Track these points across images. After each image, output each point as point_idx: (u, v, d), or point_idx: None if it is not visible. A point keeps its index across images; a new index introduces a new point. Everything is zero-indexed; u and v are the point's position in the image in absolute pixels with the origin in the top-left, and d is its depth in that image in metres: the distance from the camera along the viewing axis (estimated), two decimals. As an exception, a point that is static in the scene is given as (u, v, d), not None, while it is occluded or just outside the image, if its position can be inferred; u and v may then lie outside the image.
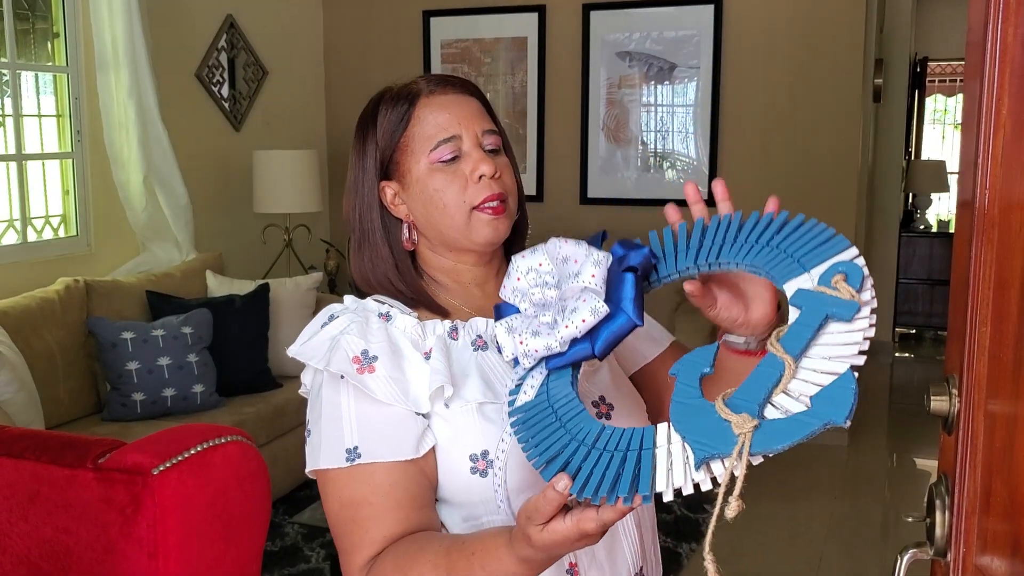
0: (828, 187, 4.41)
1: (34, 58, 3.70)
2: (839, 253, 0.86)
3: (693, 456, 0.77)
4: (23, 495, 1.85)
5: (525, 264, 0.98)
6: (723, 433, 0.76)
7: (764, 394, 0.77)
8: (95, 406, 3.36)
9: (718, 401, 0.78)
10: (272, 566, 3.10)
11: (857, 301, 0.81)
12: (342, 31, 5.17)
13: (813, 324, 0.80)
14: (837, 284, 0.82)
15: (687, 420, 0.79)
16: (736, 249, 0.94)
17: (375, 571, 0.99)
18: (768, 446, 0.74)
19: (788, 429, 0.75)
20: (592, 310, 0.90)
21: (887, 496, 4.15)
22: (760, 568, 3.31)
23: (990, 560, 0.91)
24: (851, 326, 0.80)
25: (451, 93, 1.12)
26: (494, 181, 1.09)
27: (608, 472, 0.80)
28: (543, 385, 0.92)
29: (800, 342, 0.80)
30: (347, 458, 1.01)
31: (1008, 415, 0.88)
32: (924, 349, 6.98)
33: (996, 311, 0.91)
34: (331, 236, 5.15)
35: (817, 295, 0.82)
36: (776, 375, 0.78)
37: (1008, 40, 0.90)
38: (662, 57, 4.59)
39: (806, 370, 0.79)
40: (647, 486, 0.78)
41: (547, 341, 0.91)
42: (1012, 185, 0.88)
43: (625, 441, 0.82)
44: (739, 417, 0.76)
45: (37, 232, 3.66)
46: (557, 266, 0.97)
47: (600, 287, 0.93)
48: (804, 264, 0.87)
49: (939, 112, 8.56)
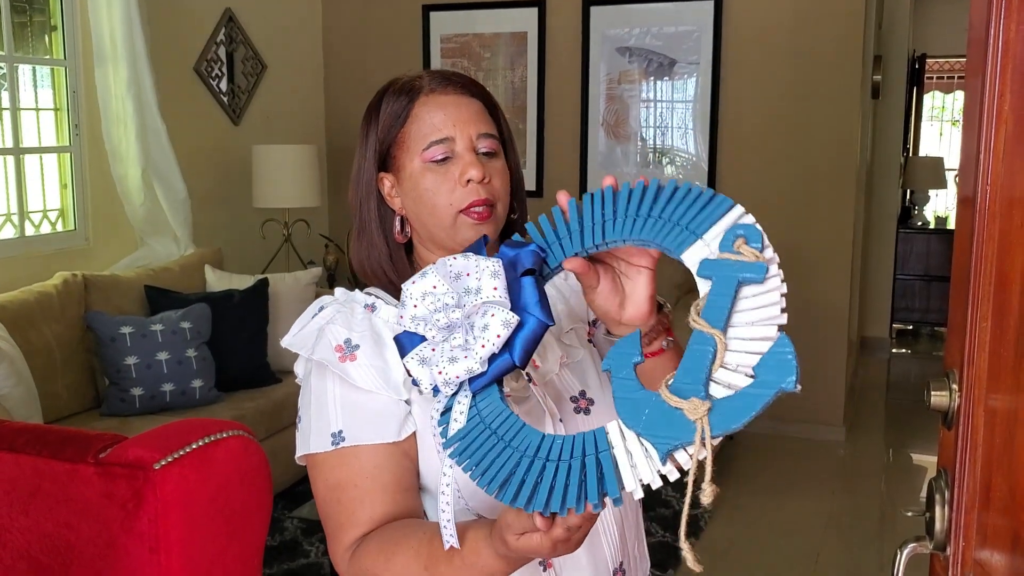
0: (826, 183, 4.41)
1: (32, 51, 3.69)
2: (726, 213, 0.86)
3: (655, 451, 0.77)
4: (24, 490, 1.85)
5: (418, 289, 0.94)
6: (678, 422, 0.76)
7: (705, 373, 0.77)
8: (94, 401, 3.36)
9: (662, 389, 0.78)
10: (272, 561, 3.10)
11: (764, 261, 0.80)
12: (341, 25, 5.17)
13: (729, 292, 0.80)
14: (740, 248, 0.81)
15: (636, 415, 0.79)
16: (619, 225, 0.93)
17: (360, 552, 1.01)
18: (727, 426, 0.74)
19: (742, 405, 0.74)
20: (504, 323, 0.89)
21: (884, 491, 4.16)
22: (758, 563, 3.32)
23: (990, 554, 0.92)
24: (765, 287, 0.80)
25: (451, 94, 1.12)
26: (481, 186, 1.09)
27: (570, 481, 0.79)
28: (472, 408, 0.90)
29: (721, 313, 0.79)
30: (332, 442, 1.04)
31: (1008, 410, 0.88)
32: (921, 345, 6.99)
33: (997, 306, 0.91)
34: (330, 231, 5.15)
35: (723, 263, 0.82)
36: (710, 351, 0.78)
37: (1010, 37, 0.90)
38: (662, 53, 4.59)
39: (737, 340, 0.79)
40: (614, 488, 0.78)
41: (467, 364, 0.89)
42: (1014, 181, 0.89)
43: (578, 448, 0.81)
44: (689, 403, 0.76)
45: (35, 226, 3.65)
46: (452, 284, 0.93)
47: (504, 298, 0.91)
48: (695, 230, 0.87)
49: (937, 109, 8.57)
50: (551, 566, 1.08)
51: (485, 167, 1.09)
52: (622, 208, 0.94)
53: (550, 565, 1.08)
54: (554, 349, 1.14)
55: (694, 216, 0.87)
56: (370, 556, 1.00)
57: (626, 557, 1.15)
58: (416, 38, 5.00)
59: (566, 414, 1.11)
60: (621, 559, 1.14)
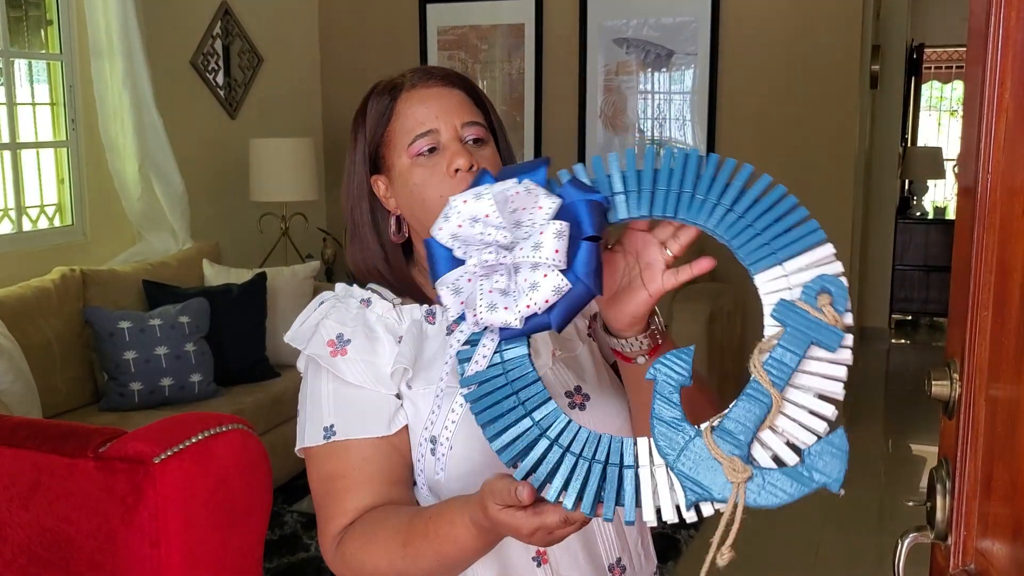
0: (825, 174, 4.41)
1: (27, 46, 3.68)
2: (815, 247, 0.81)
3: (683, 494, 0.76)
4: (24, 485, 1.85)
5: (469, 210, 0.86)
6: (715, 475, 0.74)
7: (752, 432, 0.75)
8: (93, 396, 3.36)
9: (706, 432, 0.76)
10: (272, 555, 3.10)
11: (841, 328, 0.77)
12: (338, 18, 5.15)
13: (800, 351, 0.77)
14: (823, 307, 0.77)
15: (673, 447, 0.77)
16: (697, 207, 0.85)
17: (344, 539, 1.03)
18: (761, 503, 0.73)
19: (781, 488, 0.73)
20: (556, 288, 0.83)
21: (884, 481, 4.16)
22: (758, 554, 3.33)
23: (991, 544, 0.92)
24: (835, 356, 0.77)
25: (432, 87, 1.12)
26: (470, 175, 1.07)
27: (589, 484, 0.78)
28: (496, 353, 0.86)
29: (786, 371, 0.76)
30: (324, 436, 1.06)
31: (1010, 399, 0.88)
32: (920, 335, 7.00)
33: (998, 296, 0.91)
34: (328, 224, 5.14)
35: (803, 315, 0.77)
36: (763, 409, 0.76)
37: (1010, 25, 0.90)
38: (659, 44, 4.58)
39: (792, 405, 0.76)
40: (631, 510, 0.76)
41: (505, 317, 0.83)
42: (1014, 170, 0.89)
43: (602, 450, 0.79)
44: (731, 461, 0.74)
45: (32, 221, 3.64)
46: (507, 217, 0.85)
47: (562, 262, 0.84)
48: (776, 251, 0.81)
49: (935, 99, 8.56)
50: (546, 561, 1.08)
51: (473, 155, 1.09)
52: (704, 185, 0.85)
53: (545, 560, 1.08)
54: (546, 343, 1.13)
55: (779, 233, 0.81)
56: (354, 541, 1.02)
57: (625, 552, 1.15)
58: (413, 30, 4.99)
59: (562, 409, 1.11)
60: (619, 555, 1.14)
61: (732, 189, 0.85)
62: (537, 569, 1.08)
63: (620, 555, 1.14)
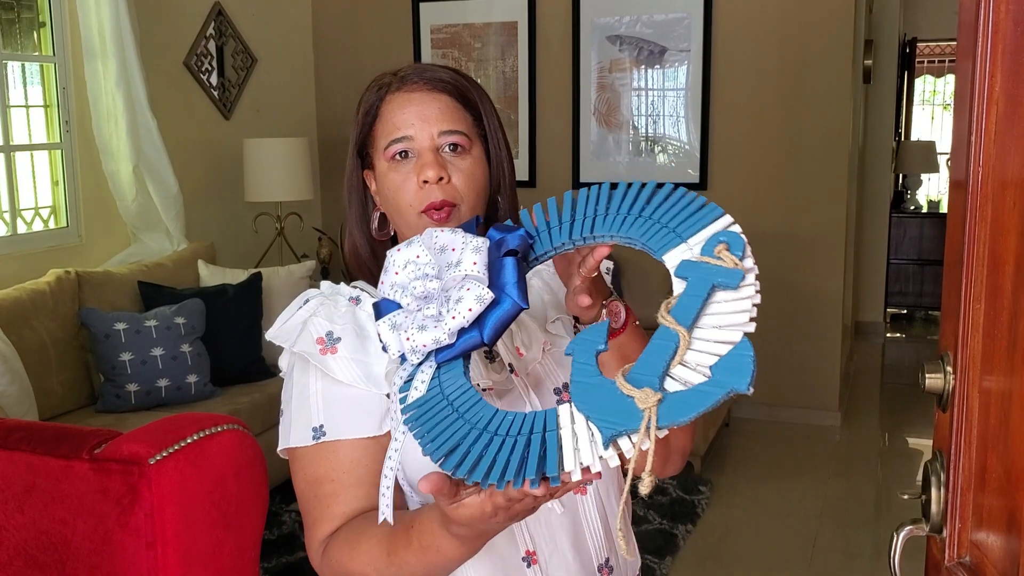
0: (819, 168, 4.41)
1: (20, 48, 3.67)
2: (714, 221, 0.87)
3: (600, 434, 0.77)
4: (19, 487, 1.85)
5: (402, 257, 0.94)
6: (627, 409, 0.76)
7: (662, 367, 0.78)
8: (89, 398, 3.35)
9: (618, 377, 0.78)
10: (270, 554, 3.10)
11: (741, 269, 0.81)
12: (331, 17, 5.15)
13: (701, 294, 0.81)
14: (720, 253, 0.83)
15: (589, 399, 0.79)
16: (609, 222, 0.94)
17: (330, 546, 1.02)
18: (673, 418, 0.74)
19: (692, 400, 0.75)
20: (478, 298, 0.88)
21: (880, 475, 4.17)
22: (755, 548, 3.34)
23: (986, 535, 0.92)
24: (738, 294, 0.81)
25: (417, 91, 1.11)
26: (439, 187, 1.07)
27: (513, 457, 0.79)
28: (434, 379, 0.91)
29: (690, 312, 0.80)
30: (313, 436, 1.05)
31: (1003, 391, 0.88)
32: (915, 329, 7.01)
33: (990, 288, 0.91)
34: (323, 224, 5.14)
35: (701, 265, 0.83)
36: (672, 347, 0.78)
37: (1000, 18, 0.90)
38: (652, 40, 4.58)
39: (700, 340, 0.79)
40: (553, 467, 0.77)
41: (435, 334, 0.89)
42: (1005, 162, 0.89)
43: (527, 425, 0.82)
44: (642, 392, 0.76)
45: (27, 224, 3.64)
46: (435, 256, 0.94)
47: (483, 274, 0.91)
48: (680, 234, 0.88)
49: (928, 93, 8.57)
50: (536, 562, 1.07)
51: (447, 167, 1.08)
52: (615, 205, 0.95)
53: (535, 561, 1.07)
54: (537, 337, 1.14)
55: (683, 220, 0.89)
56: (338, 548, 1.01)
57: (613, 553, 1.15)
58: (406, 29, 4.99)
59: (543, 395, 1.11)
60: (607, 555, 1.14)
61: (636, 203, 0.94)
62: (527, 570, 1.07)
63: (608, 555, 1.14)
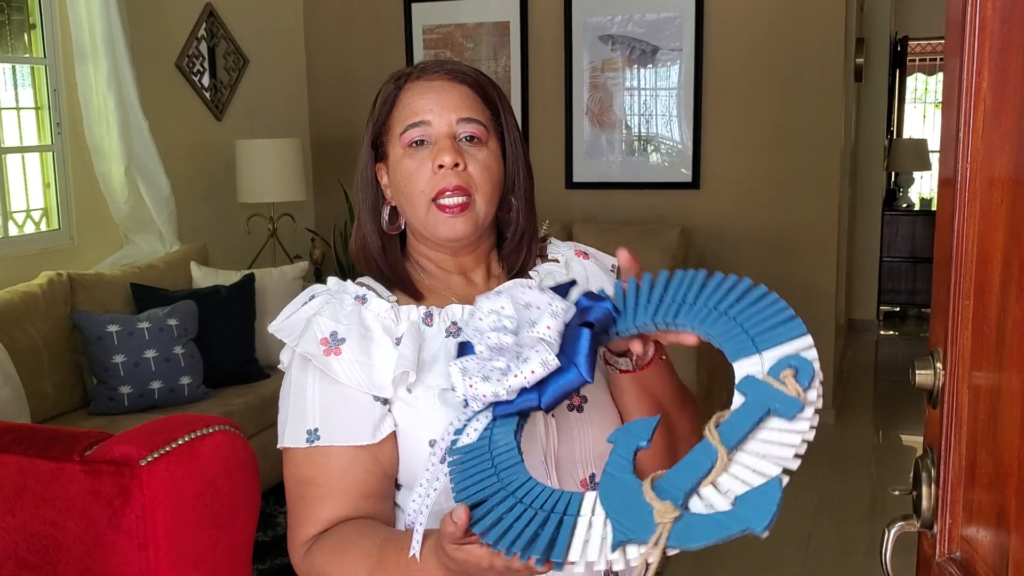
0: (811, 167, 4.42)
1: (10, 50, 3.66)
2: (793, 339, 0.85)
3: (611, 536, 0.77)
4: (9, 489, 1.84)
5: (488, 305, 0.96)
6: (644, 518, 0.75)
7: (691, 484, 0.77)
8: (82, 400, 3.34)
9: (646, 483, 0.78)
10: (264, 556, 3.10)
11: (802, 400, 0.79)
12: (323, 18, 5.14)
13: (754, 417, 0.79)
14: (785, 378, 0.80)
15: (613, 495, 0.79)
16: (694, 313, 0.92)
17: (314, 549, 1.02)
18: (683, 542, 0.74)
19: (706, 528, 0.74)
20: (543, 362, 0.90)
21: (874, 472, 4.18)
22: (749, 544, 3.34)
23: (975, 531, 0.92)
24: (792, 425, 0.79)
25: (437, 79, 1.10)
26: (453, 172, 1.06)
27: (527, 529, 0.80)
28: (487, 429, 0.92)
29: (738, 433, 0.78)
30: (307, 439, 1.04)
31: (992, 387, 0.88)
32: (908, 327, 7.02)
33: (978, 285, 0.91)
34: (316, 225, 5.13)
35: (764, 386, 0.81)
36: (708, 465, 0.77)
37: (987, 15, 0.90)
38: (644, 40, 4.59)
39: (738, 465, 0.78)
40: (559, 554, 0.77)
41: (495, 388, 0.91)
42: (993, 159, 0.89)
43: (552, 502, 0.82)
44: (663, 505, 0.75)
45: (18, 226, 3.62)
46: (519, 311, 0.96)
47: (555, 340, 0.92)
48: (758, 344, 0.86)
49: (920, 91, 8.59)
50: None
51: (463, 154, 1.07)
52: (705, 296, 0.93)
53: None
54: None
55: (765, 330, 0.87)
56: (323, 554, 1.01)
57: None
58: (398, 29, 4.98)
59: (559, 411, 1.10)
60: None
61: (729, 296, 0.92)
62: None
63: None
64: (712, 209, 4.52)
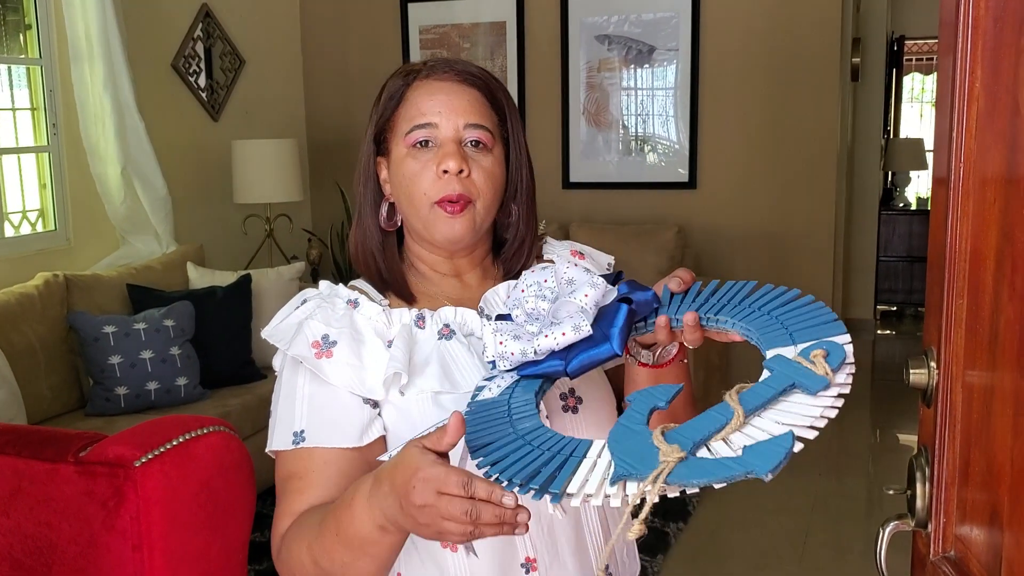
0: (808, 166, 4.42)
1: (6, 51, 3.65)
2: (833, 336, 0.86)
3: (612, 470, 0.77)
4: (3, 491, 1.84)
5: (532, 278, 1.02)
6: (648, 458, 0.75)
7: (703, 435, 0.77)
8: (78, 401, 3.34)
9: (657, 430, 0.78)
10: (261, 556, 3.09)
11: (828, 378, 0.79)
12: (319, 18, 5.14)
13: (776, 387, 0.80)
14: (815, 358, 0.81)
15: (623, 440, 0.79)
16: (736, 311, 0.95)
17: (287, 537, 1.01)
18: (684, 479, 0.73)
19: (708, 468, 0.74)
20: (575, 327, 0.91)
21: (871, 470, 4.18)
22: (746, 543, 3.34)
23: (969, 529, 0.92)
24: (814, 400, 0.79)
25: (447, 80, 1.09)
26: (457, 179, 1.05)
27: (531, 465, 0.79)
28: (509, 388, 0.93)
29: (758, 400, 0.79)
30: (293, 440, 1.04)
31: (985, 386, 0.88)
32: (905, 326, 7.03)
33: (972, 284, 0.91)
34: (312, 225, 5.13)
35: (791, 363, 0.82)
36: (723, 421, 0.78)
37: (979, 15, 0.91)
38: (641, 40, 4.59)
39: (753, 427, 0.78)
40: (558, 485, 0.77)
41: (524, 346, 0.93)
42: (986, 159, 0.89)
43: (560, 445, 0.82)
44: (669, 447, 0.75)
45: (14, 227, 3.62)
46: (560, 286, 1.00)
47: (591, 309, 0.94)
48: (794, 337, 0.87)
49: (916, 90, 8.60)
50: (535, 568, 1.06)
51: (468, 160, 1.06)
52: (752, 299, 0.96)
53: (535, 568, 1.06)
54: None
55: (804, 328, 0.89)
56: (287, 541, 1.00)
57: (612, 560, 1.14)
58: (395, 30, 4.98)
59: (554, 412, 1.10)
60: (607, 563, 1.13)
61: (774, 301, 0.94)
62: None
63: (607, 562, 1.13)
64: (709, 209, 4.53)
